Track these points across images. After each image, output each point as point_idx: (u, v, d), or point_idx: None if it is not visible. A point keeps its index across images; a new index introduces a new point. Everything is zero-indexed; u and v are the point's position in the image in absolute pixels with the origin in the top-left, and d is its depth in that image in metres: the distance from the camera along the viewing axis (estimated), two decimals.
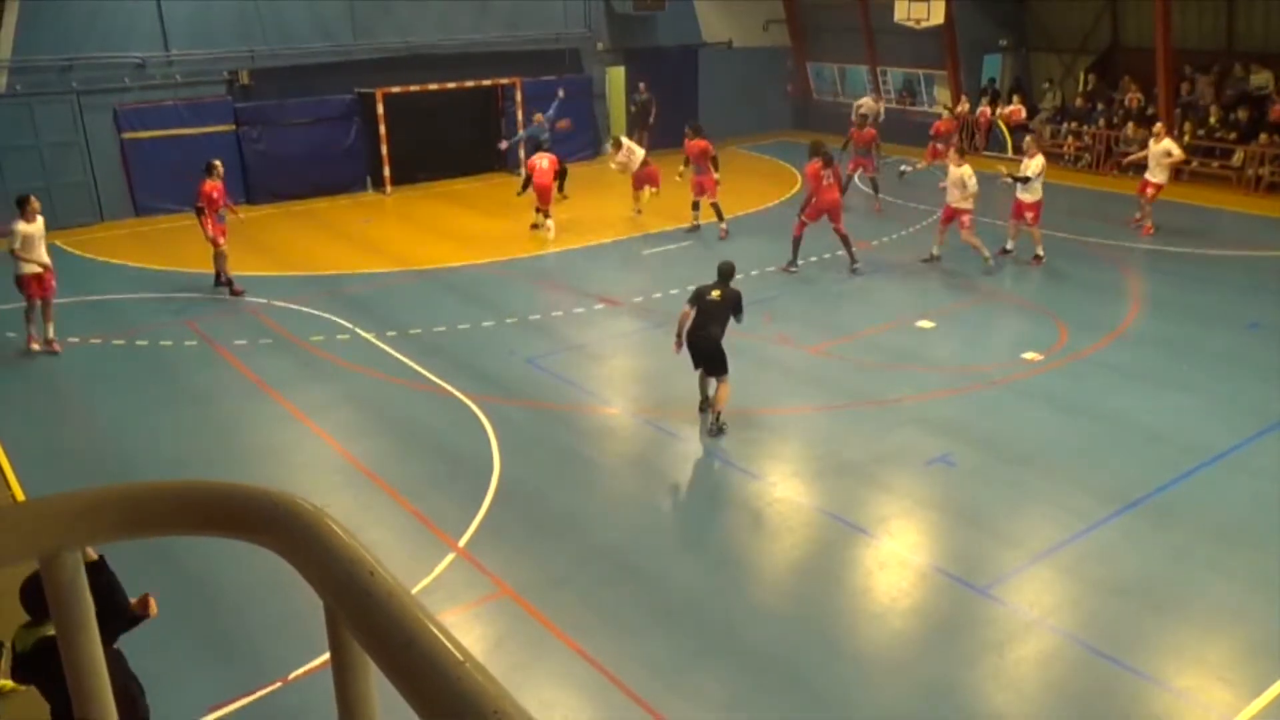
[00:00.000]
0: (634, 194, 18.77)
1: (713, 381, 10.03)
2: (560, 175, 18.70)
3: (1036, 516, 8.40)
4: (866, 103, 23.14)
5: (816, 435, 10.07)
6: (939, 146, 20.34)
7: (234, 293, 14.44)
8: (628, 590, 7.50)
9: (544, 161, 17.39)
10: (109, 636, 4.35)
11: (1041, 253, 15.47)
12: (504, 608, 7.28)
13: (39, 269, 11.99)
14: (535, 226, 17.70)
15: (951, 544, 8.16)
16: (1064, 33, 24.68)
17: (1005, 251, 15.75)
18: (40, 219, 12.16)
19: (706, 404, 10.25)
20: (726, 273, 10.17)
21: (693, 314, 9.77)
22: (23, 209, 12.05)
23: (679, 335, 9.85)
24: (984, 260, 14.91)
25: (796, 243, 15.14)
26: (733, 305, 9.91)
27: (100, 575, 4.38)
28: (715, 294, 9.86)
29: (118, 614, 4.42)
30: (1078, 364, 11.68)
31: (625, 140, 18.90)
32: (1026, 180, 15.15)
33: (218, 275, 14.65)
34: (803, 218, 15.11)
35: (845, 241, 15.21)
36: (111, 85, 18.94)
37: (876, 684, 6.55)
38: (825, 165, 14.92)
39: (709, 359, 9.89)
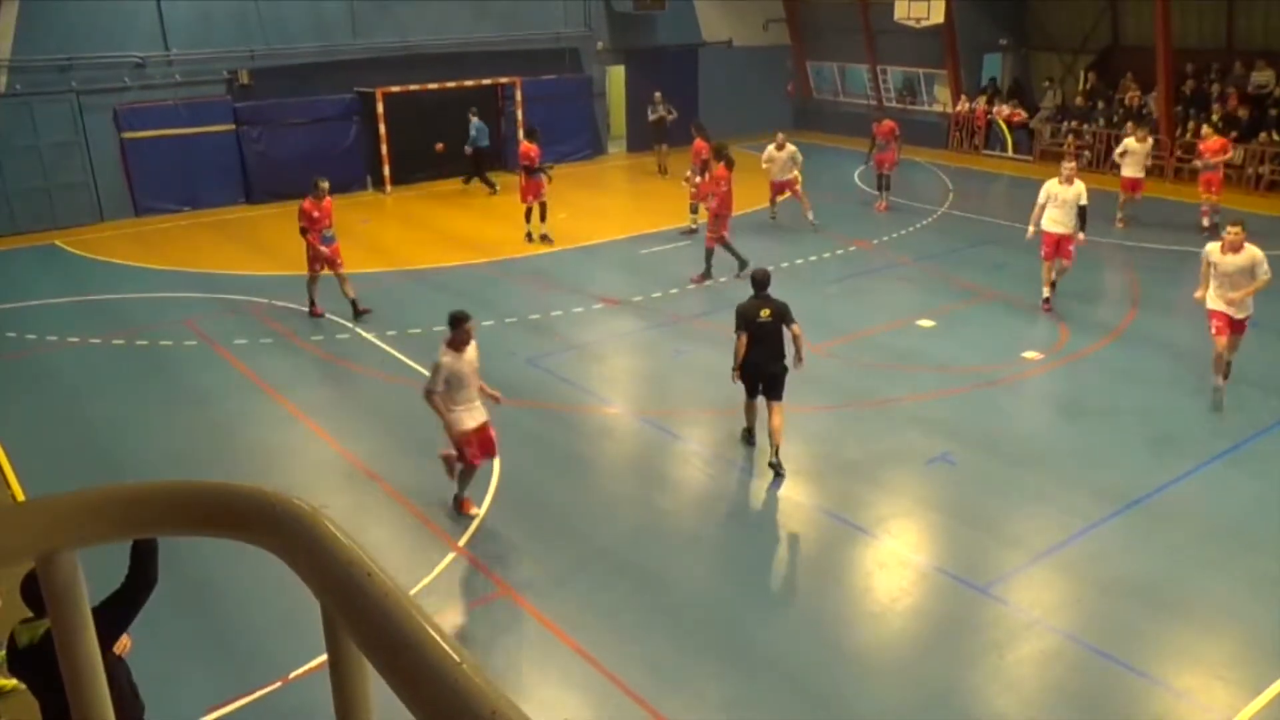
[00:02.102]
0: (774, 199, 17.55)
1: (763, 408, 9.22)
2: (528, 170, 16.79)
3: (1037, 516, 8.39)
4: (1130, 144, 17.13)
5: (816, 435, 10.06)
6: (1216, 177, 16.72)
7: (313, 314, 13.45)
8: (627, 590, 7.50)
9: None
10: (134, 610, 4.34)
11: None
12: (504, 607, 7.28)
13: (478, 423, 8.10)
14: (543, 237, 17.15)
15: (952, 543, 8.16)
16: (1064, 32, 24.68)
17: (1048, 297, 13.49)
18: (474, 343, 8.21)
19: (752, 436, 9.55)
20: (763, 281, 9.24)
21: (745, 339, 9.03)
22: (457, 328, 8.02)
23: (737, 364, 9.12)
24: (1218, 392, 10.35)
25: (729, 248, 14.78)
26: (784, 319, 9.11)
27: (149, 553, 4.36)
28: (765, 314, 9.02)
29: (148, 586, 4.43)
30: (1078, 364, 11.68)
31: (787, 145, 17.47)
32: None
33: (354, 303, 13.33)
34: (720, 231, 14.74)
35: (710, 254, 14.93)
36: (111, 85, 18.94)
37: (876, 683, 6.54)
38: (729, 168, 14.71)
39: (771, 379, 9.11)
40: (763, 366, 9.06)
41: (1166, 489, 8.72)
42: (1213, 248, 10.45)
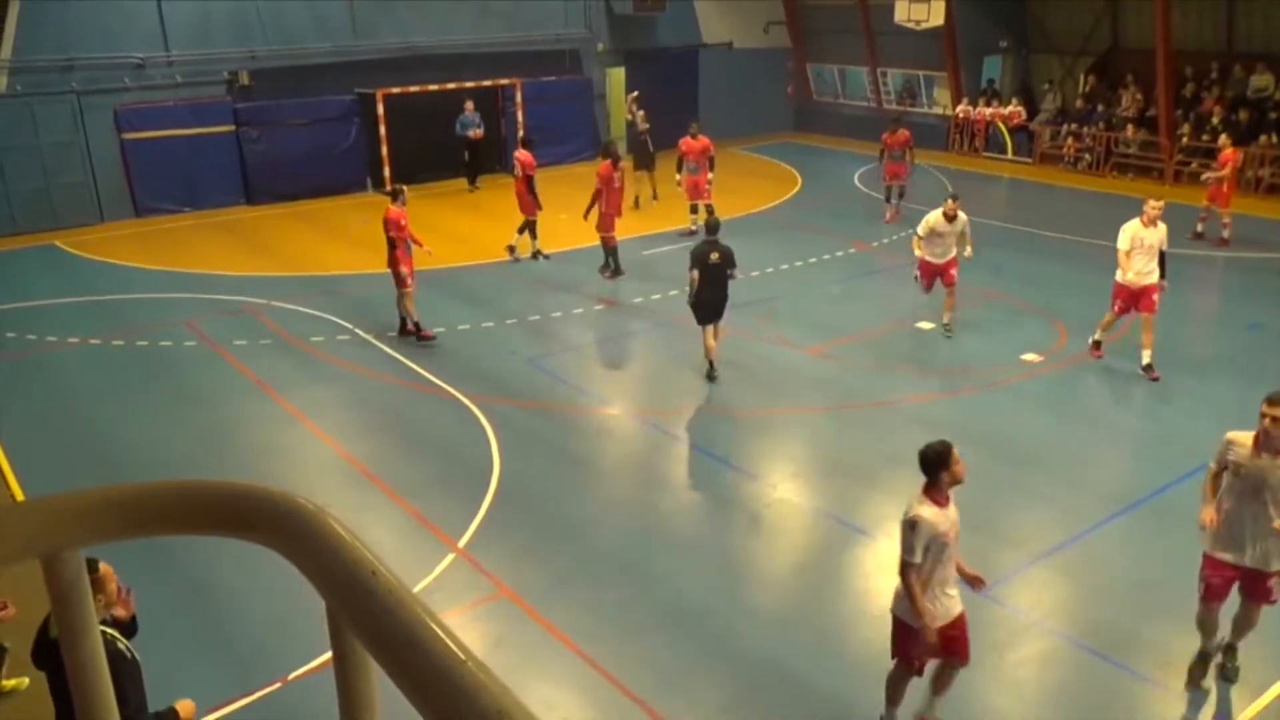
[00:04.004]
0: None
1: (710, 331, 11.01)
2: (527, 180, 15.93)
3: (1036, 518, 8.39)
4: None
5: (816, 436, 10.06)
6: None
7: (422, 337, 12.50)
8: (627, 591, 7.49)
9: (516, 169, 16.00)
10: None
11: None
12: (504, 608, 7.28)
13: (954, 616, 5.62)
14: (539, 253, 16.33)
15: None
16: (1064, 34, 24.70)
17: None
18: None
19: (713, 368, 11.22)
20: (714, 227, 11.10)
21: (698, 275, 10.70)
22: (938, 468, 5.42)
23: (692, 296, 10.89)
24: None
25: (613, 250, 15.10)
26: (729, 262, 10.84)
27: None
28: (715, 256, 10.76)
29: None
30: (1078, 365, 11.68)
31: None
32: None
33: (403, 321, 12.65)
34: (606, 230, 14.95)
35: (612, 251, 15.12)
36: (111, 85, 18.94)
37: (876, 685, 6.53)
38: (615, 167, 14.87)
39: (717, 308, 10.97)
40: (711, 300, 10.87)
41: (1167, 490, 8.72)
42: (1239, 438, 6.35)
